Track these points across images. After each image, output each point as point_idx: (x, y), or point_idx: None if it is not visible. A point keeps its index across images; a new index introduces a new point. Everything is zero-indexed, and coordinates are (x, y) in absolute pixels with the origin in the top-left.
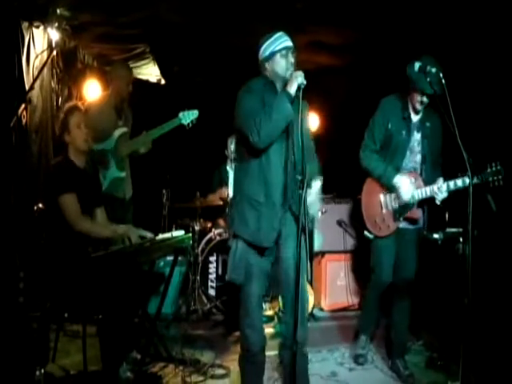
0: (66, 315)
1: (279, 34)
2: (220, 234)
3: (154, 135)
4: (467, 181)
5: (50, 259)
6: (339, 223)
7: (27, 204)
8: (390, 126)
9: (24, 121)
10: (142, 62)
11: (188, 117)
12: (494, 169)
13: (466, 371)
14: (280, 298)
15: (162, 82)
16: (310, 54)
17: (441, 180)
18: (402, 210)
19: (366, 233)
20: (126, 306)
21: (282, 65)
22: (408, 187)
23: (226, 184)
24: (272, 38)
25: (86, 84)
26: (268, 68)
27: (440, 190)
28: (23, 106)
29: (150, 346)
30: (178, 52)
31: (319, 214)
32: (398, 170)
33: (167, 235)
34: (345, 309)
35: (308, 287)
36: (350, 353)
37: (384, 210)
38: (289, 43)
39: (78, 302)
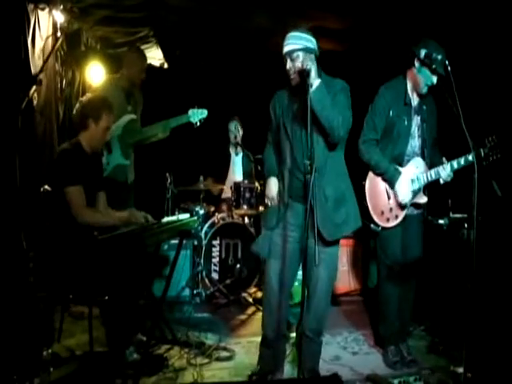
0: (70, 296)
1: (287, 36)
2: (223, 218)
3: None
4: (469, 158)
5: (57, 241)
6: None
7: (33, 185)
8: (391, 113)
9: (35, 102)
10: (145, 46)
11: (197, 115)
12: (492, 143)
13: (470, 356)
14: None
15: (165, 65)
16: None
17: (444, 161)
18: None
19: (372, 226)
20: (132, 288)
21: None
22: (407, 191)
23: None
24: None
25: (89, 67)
26: None
27: (445, 170)
28: (34, 87)
29: (155, 328)
30: (180, 35)
31: None
32: (401, 156)
33: (173, 218)
34: (347, 294)
35: None
36: (353, 337)
37: (391, 200)
38: (286, 48)
39: (84, 284)
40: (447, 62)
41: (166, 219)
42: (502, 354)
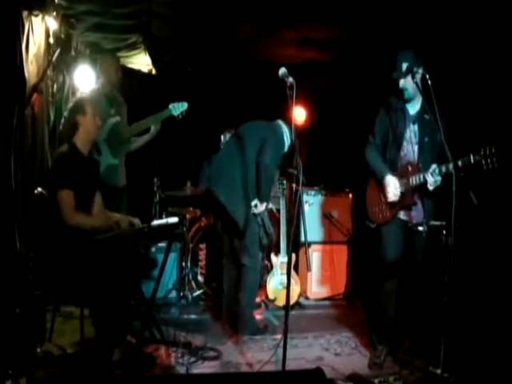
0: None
1: None
2: (210, 223)
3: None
4: (459, 163)
5: (52, 242)
6: (326, 215)
7: (27, 188)
8: (387, 120)
9: (36, 110)
10: (134, 52)
11: (178, 108)
12: (487, 152)
13: (447, 357)
14: (267, 286)
15: (153, 72)
16: (300, 49)
17: (434, 165)
18: (400, 198)
19: (367, 222)
20: (125, 289)
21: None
22: (394, 190)
23: None
24: None
25: (78, 71)
26: None
27: (433, 173)
28: (35, 95)
29: (144, 328)
30: (169, 43)
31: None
32: (395, 159)
33: (163, 221)
34: (329, 298)
35: (295, 277)
36: (336, 339)
37: (383, 199)
38: None
39: (78, 284)
40: (427, 75)
41: (155, 222)
42: (478, 355)
